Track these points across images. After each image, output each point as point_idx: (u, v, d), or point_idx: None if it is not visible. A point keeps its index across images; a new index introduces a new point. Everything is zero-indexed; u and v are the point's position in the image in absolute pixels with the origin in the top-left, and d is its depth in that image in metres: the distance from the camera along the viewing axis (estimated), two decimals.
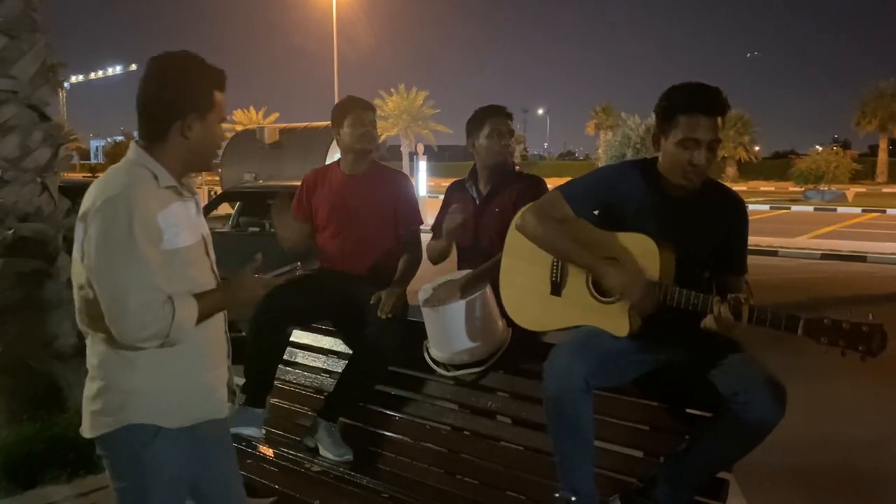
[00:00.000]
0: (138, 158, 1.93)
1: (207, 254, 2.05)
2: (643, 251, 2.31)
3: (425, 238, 3.37)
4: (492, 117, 3.18)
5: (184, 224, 1.94)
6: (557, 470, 2.40)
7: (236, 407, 2.19)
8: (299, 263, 2.30)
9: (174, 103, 1.91)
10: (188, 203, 2.00)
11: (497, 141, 3.15)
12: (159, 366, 1.90)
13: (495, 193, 3.18)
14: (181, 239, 1.91)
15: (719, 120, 2.27)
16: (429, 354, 2.93)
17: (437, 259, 3.32)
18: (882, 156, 50.95)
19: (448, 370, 2.87)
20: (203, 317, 1.92)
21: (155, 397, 1.92)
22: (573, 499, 2.33)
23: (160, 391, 1.92)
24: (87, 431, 1.97)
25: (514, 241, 2.65)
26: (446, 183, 3.83)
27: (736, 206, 2.45)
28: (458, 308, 2.77)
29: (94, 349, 1.94)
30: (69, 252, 4.60)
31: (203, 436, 2.02)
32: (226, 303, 2.04)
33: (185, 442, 1.96)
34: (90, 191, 1.88)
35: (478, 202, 3.21)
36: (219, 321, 2.08)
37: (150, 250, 1.81)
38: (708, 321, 2.17)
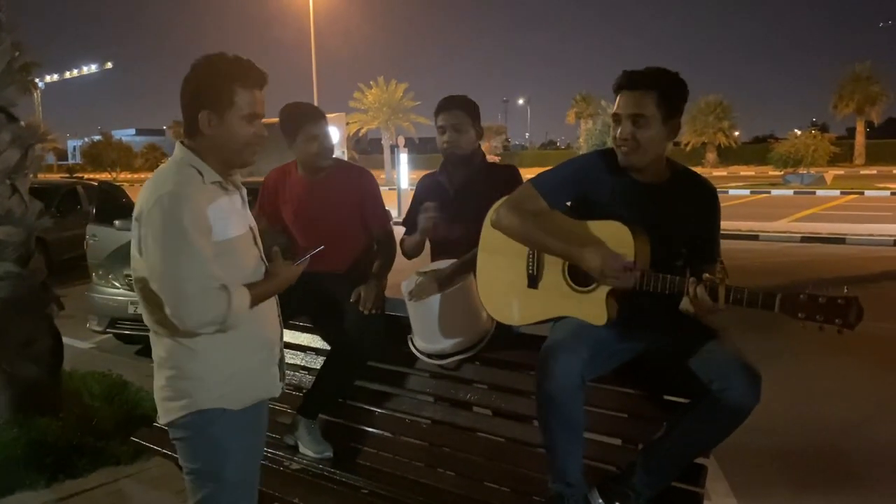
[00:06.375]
0: (184, 157, 2.03)
1: (255, 244, 2.16)
2: (617, 239, 2.31)
3: (398, 230, 3.34)
4: (440, 112, 3.14)
5: (232, 216, 2.05)
6: (549, 463, 2.38)
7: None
8: (322, 247, 2.41)
9: (194, 98, 2.00)
10: (234, 196, 2.09)
11: (440, 137, 3.15)
12: (220, 353, 2.03)
13: (469, 185, 3.15)
14: (231, 230, 2.02)
15: (644, 94, 2.29)
16: (413, 345, 2.92)
17: (412, 254, 3.28)
18: (859, 138, 51.52)
19: (432, 358, 2.85)
20: (254, 304, 2.03)
21: (219, 383, 2.05)
22: (566, 490, 2.33)
23: (224, 377, 2.06)
24: (161, 418, 2.12)
25: (489, 237, 2.64)
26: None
27: (707, 194, 2.45)
28: (440, 300, 2.76)
29: (160, 342, 2.07)
30: (43, 254, 4.57)
31: (260, 411, 2.21)
32: (270, 291, 2.15)
33: (248, 419, 2.12)
34: (142, 193, 1.98)
35: (452, 194, 3.19)
36: (271, 306, 2.22)
37: (203, 242, 1.91)
38: (685, 304, 2.17)
